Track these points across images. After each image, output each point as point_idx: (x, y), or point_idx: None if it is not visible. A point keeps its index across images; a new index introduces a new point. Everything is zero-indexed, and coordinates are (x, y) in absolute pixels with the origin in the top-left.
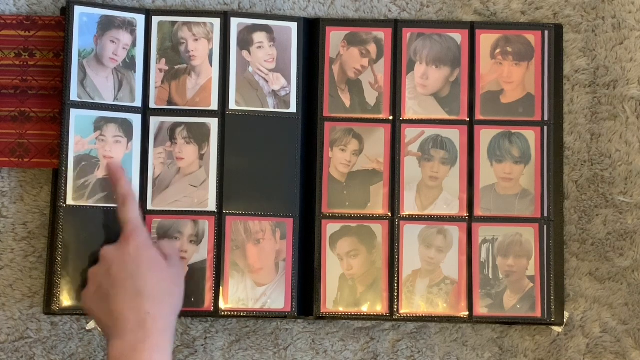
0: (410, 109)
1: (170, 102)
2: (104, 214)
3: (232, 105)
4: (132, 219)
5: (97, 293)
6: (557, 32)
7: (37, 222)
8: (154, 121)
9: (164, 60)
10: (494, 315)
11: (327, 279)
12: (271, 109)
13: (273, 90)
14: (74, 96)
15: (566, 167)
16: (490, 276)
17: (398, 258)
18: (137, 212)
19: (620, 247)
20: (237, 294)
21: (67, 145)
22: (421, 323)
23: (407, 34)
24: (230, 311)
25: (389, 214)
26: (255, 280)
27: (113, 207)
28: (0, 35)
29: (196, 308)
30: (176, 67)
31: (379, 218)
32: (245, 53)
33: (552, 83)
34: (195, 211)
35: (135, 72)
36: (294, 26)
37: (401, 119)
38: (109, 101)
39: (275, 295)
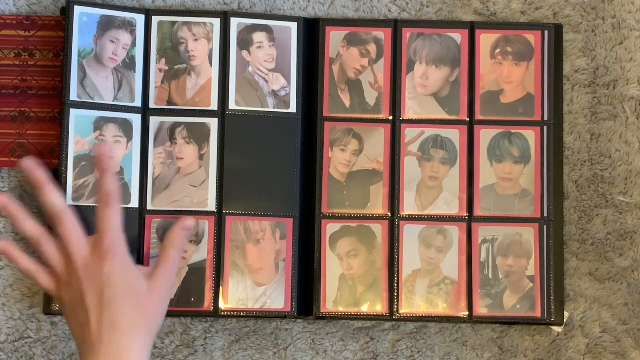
0: (410, 109)
1: (170, 102)
2: None
3: (232, 105)
4: (112, 228)
5: (70, 308)
6: (557, 32)
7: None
8: (154, 121)
9: (163, 60)
10: (494, 315)
11: (327, 279)
12: (271, 109)
13: (273, 90)
14: (73, 96)
15: (566, 167)
16: (490, 276)
17: (398, 258)
18: (119, 219)
19: (620, 247)
20: (237, 294)
21: (67, 145)
22: (421, 323)
23: (407, 34)
24: (230, 311)
25: (389, 214)
26: (255, 280)
27: None
28: (0, 35)
29: (196, 308)
30: (176, 67)
31: (379, 218)
32: (245, 53)
33: (552, 83)
34: (195, 211)
35: (135, 72)
36: (294, 26)
37: (401, 119)
38: (109, 101)
39: (275, 295)
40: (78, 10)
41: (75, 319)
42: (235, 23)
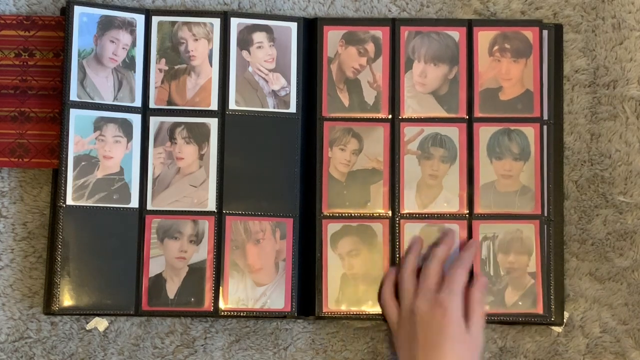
0: (409, 108)
1: (170, 102)
2: (103, 214)
3: (232, 105)
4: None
5: (402, 340)
6: (557, 32)
7: (37, 222)
8: (154, 121)
9: (163, 60)
10: (496, 313)
11: (329, 279)
12: (271, 109)
13: (273, 90)
14: (73, 96)
15: (566, 167)
16: (492, 273)
17: (399, 256)
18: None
19: (620, 247)
20: (237, 294)
21: (67, 145)
22: None
23: (404, 32)
24: (230, 311)
25: (389, 212)
26: (255, 280)
27: (112, 207)
28: (0, 35)
29: (196, 308)
30: (176, 67)
31: (380, 217)
32: (245, 53)
33: (551, 83)
34: (195, 211)
35: (135, 72)
36: (293, 26)
37: (400, 117)
38: (109, 101)
39: (275, 295)
40: (78, 10)
41: (407, 352)
42: (235, 23)
